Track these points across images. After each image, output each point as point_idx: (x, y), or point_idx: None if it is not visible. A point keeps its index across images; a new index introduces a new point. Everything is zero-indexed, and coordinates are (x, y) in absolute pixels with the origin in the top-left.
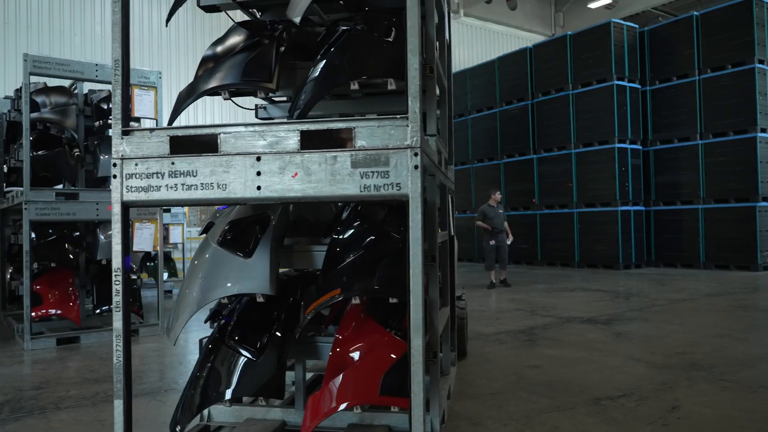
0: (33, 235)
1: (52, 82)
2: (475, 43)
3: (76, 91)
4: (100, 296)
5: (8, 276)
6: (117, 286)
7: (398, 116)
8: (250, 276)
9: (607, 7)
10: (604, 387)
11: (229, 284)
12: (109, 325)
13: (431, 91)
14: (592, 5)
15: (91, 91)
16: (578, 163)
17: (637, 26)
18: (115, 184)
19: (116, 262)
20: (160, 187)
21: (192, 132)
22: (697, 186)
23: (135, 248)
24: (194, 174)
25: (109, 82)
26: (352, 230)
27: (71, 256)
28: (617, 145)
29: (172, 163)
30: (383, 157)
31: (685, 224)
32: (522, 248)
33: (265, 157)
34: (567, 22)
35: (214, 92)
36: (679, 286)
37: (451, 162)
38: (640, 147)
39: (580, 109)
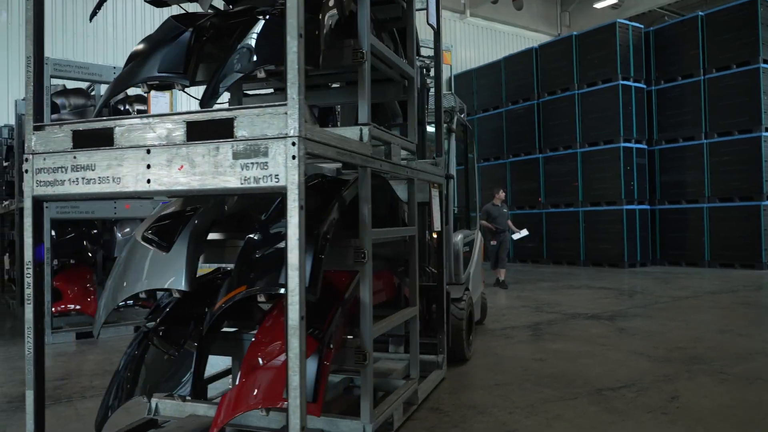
0: (53, 233)
1: (70, 84)
2: (481, 43)
3: (93, 93)
4: None
5: None
6: (28, 279)
7: (278, 104)
8: (166, 271)
9: (613, 6)
10: (607, 379)
11: (145, 279)
12: (126, 320)
13: (362, 77)
14: (598, 5)
15: None
16: (584, 163)
17: (642, 26)
18: (26, 179)
19: (27, 254)
20: (64, 181)
21: (92, 126)
22: (702, 185)
23: None
24: (93, 168)
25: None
26: (268, 226)
27: (89, 254)
28: (622, 144)
29: (74, 158)
30: (262, 148)
31: (690, 223)
32: (528, 247)
33: (154, 150)
34: (573, 21)
35: (136, 86)
36: (683, 284)
37: (440, 154)
38: (645, 146)
39: (585, 108)
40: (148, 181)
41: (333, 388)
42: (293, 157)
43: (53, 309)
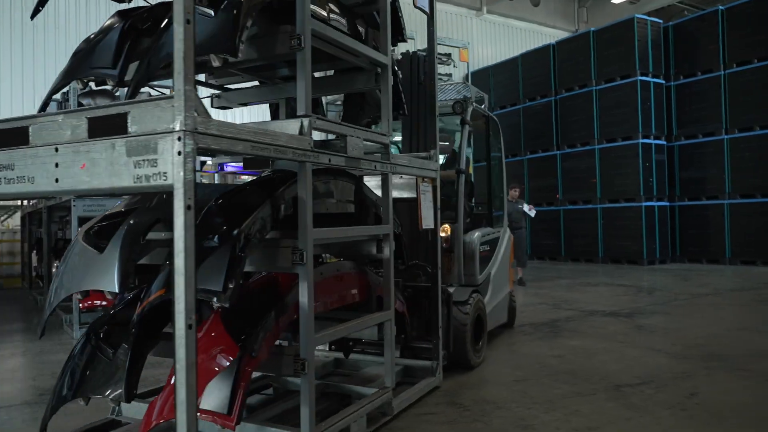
0: None
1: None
2: (498, 39)
3: (117, 94)
4: None
5: (54, 269)
6: None
7: (167, 96)
8: (99, 272)
9: (631, 1)
10: (625, 375)
11: (80, 280)
12: None
13: (301, 66)
14: (616, 0)
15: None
16: (602, 159)
17: (661, 21)
18: None
19: None
20: None
21: (10, 125)
22: (722, 181)
23: None
24: (12, 168)
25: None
26: (200, 223)
27: None
28: (641, 140)
29: None
30: (152, 144)
31: (711, 219)
32: (545, 244)
33: (61, 148)
34: (590, 17)
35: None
36: (703, 281)
37: (434, 147)
38: (665, 142)
39: (603, 105)
40: (57, 180)
41: None
42: (179, 153)
43: (81, 305)
